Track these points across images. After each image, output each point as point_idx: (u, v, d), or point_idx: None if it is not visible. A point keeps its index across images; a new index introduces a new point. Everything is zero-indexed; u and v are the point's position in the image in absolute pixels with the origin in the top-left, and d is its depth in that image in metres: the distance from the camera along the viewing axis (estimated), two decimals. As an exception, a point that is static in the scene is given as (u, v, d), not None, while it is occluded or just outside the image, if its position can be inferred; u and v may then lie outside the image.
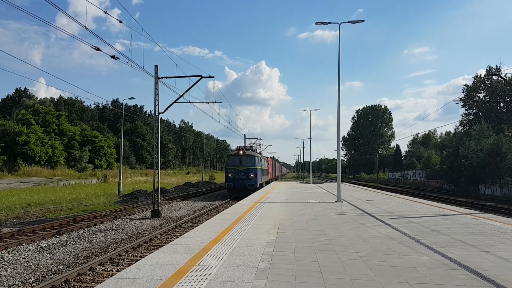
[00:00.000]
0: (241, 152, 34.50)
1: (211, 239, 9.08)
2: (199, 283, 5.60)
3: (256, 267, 6.58)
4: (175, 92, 18.52)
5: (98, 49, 11.37)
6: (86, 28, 9.42)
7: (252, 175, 33.47)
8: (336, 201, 20.22)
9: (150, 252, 12.26)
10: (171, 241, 12.46)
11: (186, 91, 15.24)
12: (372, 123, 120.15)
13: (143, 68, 14.09)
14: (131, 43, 16.76)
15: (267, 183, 48.62)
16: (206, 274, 6.09)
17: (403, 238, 9.73)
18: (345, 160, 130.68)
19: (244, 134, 57.92)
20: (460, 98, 65.46)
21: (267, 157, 53.84)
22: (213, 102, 25.98)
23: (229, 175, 33.86)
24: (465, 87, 71.72)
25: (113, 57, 12.47)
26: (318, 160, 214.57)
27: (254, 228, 10.86)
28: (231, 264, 6.75)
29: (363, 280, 5.95)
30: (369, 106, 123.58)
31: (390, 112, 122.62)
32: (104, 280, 6.03)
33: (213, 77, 19.73)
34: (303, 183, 54.86)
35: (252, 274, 6.12)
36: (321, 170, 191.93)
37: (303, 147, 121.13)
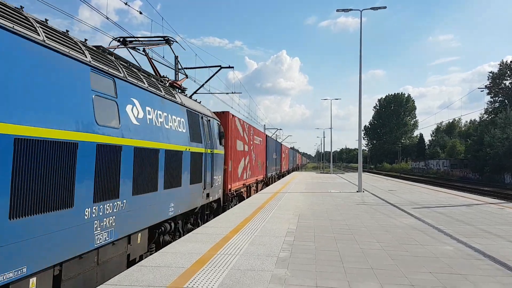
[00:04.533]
0: None
1: (231, 228, 9.14)
2: (220, 271, 5.66)
3: (277, 256, 6.60)
4: (195, 82, 18.49)
5: (119, 41, 11.46)
6: (108, 18, 9.52)
7: None
8: (357, 191, 20.06)
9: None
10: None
11: (206, 82, 15.27)
12: (394, 112, 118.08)
13: (163, 57, 14.15)
14: (151, 34, 16.88)
15: (223, 206, 14.34)
16: (227, 262, 6.14)
17: (426, 228, 9.60)
18: (367, 149, 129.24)
19: (264, 124, 57.71)
20: (486, 86, 63.73)
21: (243, 123, 18.87)
22: (232, 93, 25.84)
23: None
24: (491, 74, 69.87)
25: (133, 48, 12.55)
26: (339, 150, 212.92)
27: (274, 218, 10.88)
28: (251, 253, 6.79)
29: (385, 270, 5.90)
30: (391, 94, 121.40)
31: (413, 100, 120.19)
32: (128, 268, 6.15)
33: (233, 67, 19.68)
34: (323, 173, 54.64)
35: (272, 263, 6.14)
36: (342, 160, 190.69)
37: (324, 137, 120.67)
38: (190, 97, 12.20)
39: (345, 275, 5.61)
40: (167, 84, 10.03)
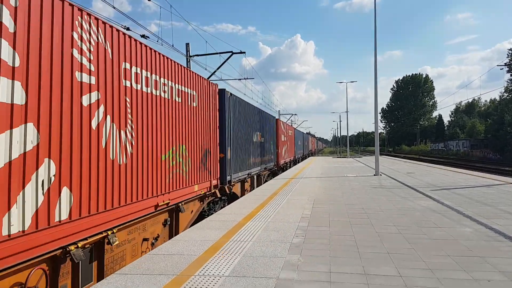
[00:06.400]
0: None
1: (245, 215, 9.07)
2: (232, 258, 5.58)
3: (290, 242, 6.50)
4: (206, 69, 18.43)
5: (127, 29, 11.39)
6: (114, 7, 9.45)
7: None
8: (374, 175, 19.80)
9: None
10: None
11: (218, 68, 15.19)
12: (412, 93, 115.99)
13: (172, 46, 14.06)
14: (160, 22, 16.79)
15: None
16: (239, 249, 6.06)
17: (444, 210, 9.36)
18: (384, 132, 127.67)
19: (279, 110, 57.23)
20: (505, 63, 61.90)
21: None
22: (245, 79, 25.73)
23: None
24: (511, 51, 67.91)
25: (143, 36, 12.49)
26: (356, 134, 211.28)
27: (288, 203, 10.76)
28: (264, 239, 6.69)
29: (402, 254, 5.74)
30: (409, 75, 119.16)
31: (431, 81, 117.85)
32: (139, 256, 6.14)
33: (244, 52, 19.54)
34: (340, 157, 54.24)
35: (285, 249, 6.04)
36: (359, 144, 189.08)
37: (340, 121, 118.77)
38: None
39: (360, 260, 5.47)
40: None
